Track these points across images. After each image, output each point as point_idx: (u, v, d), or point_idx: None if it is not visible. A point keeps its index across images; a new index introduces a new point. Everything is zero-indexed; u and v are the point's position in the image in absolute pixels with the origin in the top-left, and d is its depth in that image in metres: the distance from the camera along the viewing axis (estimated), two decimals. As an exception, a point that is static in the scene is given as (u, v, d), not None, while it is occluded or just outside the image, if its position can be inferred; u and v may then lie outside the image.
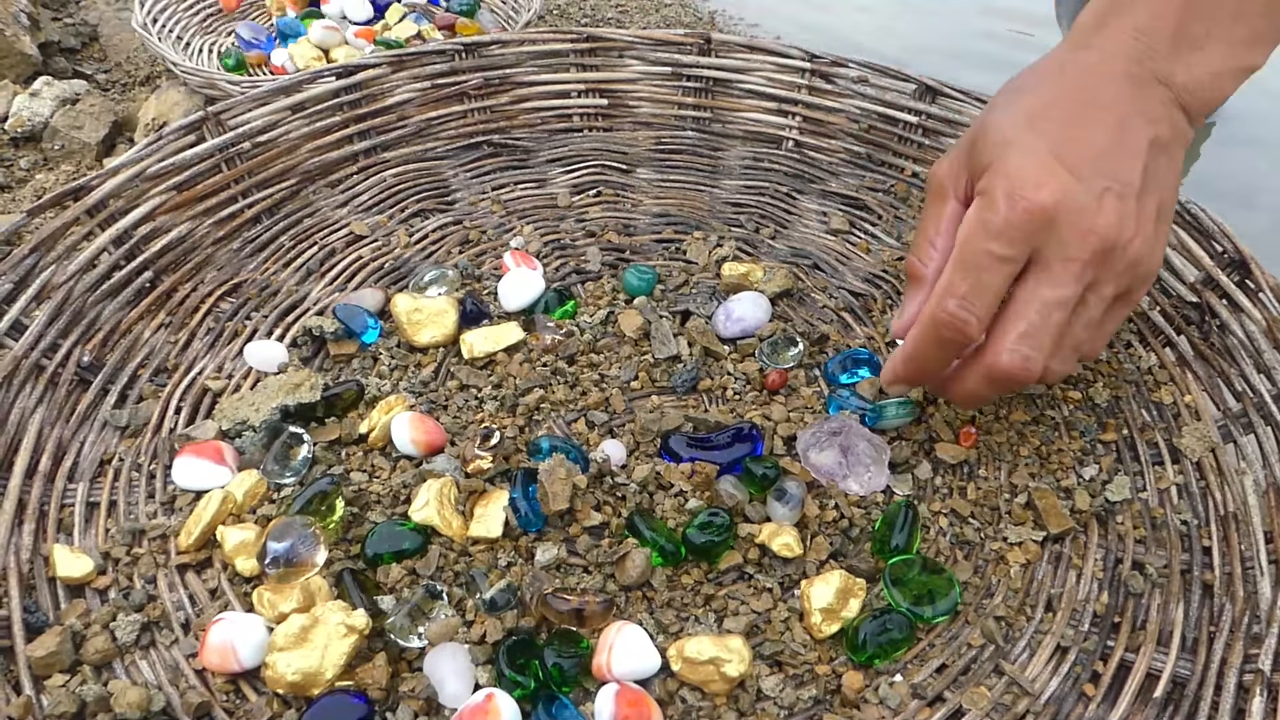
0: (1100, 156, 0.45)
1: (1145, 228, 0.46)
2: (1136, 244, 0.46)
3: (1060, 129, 0.46)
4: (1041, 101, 0.48)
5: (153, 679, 0.44)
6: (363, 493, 0.51)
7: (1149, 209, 0.46)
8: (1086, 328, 0.47)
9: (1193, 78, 0.47)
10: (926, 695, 0.45)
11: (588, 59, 0.80)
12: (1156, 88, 0.47)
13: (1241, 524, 0.51)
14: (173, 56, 1.16)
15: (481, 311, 0.62)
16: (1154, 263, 0.47)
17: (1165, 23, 0.47)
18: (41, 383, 0.55)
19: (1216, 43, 0.47)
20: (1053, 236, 0.44)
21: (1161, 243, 0.48)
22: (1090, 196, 0.44)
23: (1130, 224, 0.45)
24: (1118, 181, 0.45)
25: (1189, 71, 0.47)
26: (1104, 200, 0.45)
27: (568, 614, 0.45)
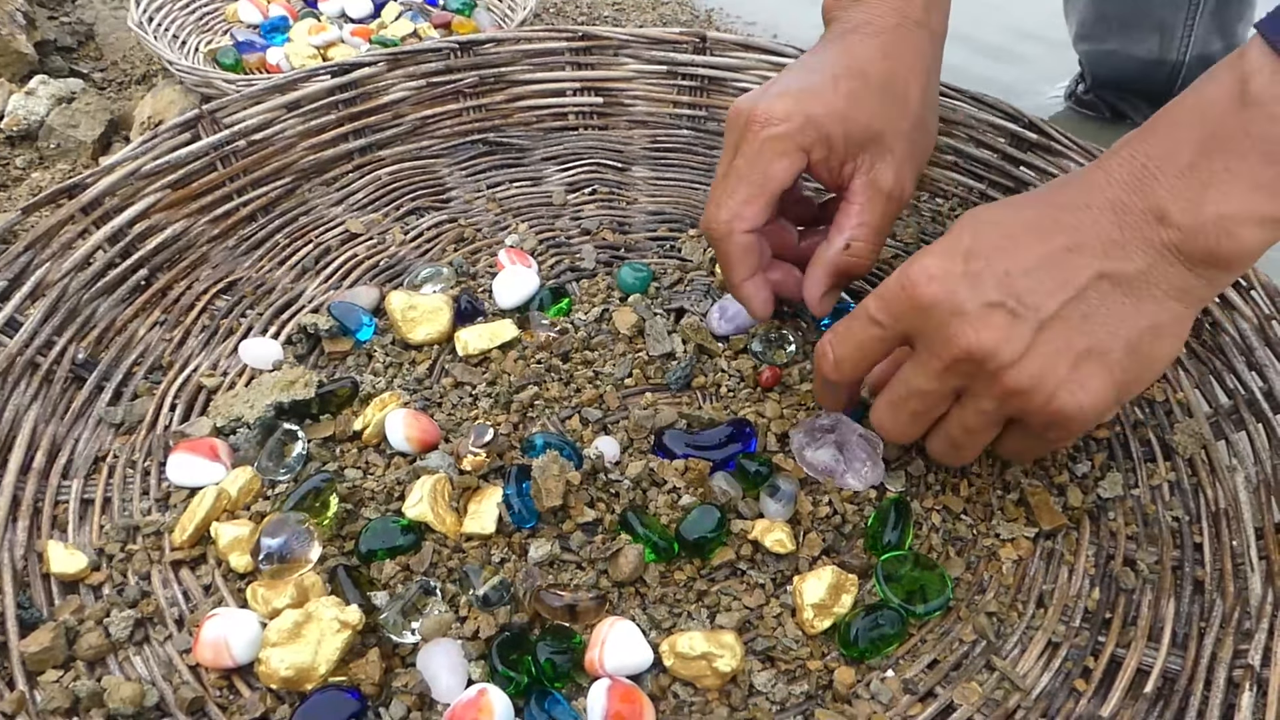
0: (1015, 272, 0.42)
1: (1039, 359, 0.42)
2: (1018, 372, 0.42)
3: (999, 235, 0.43)
4: (1018, 207, 0.45)
5: (146, 674, 0.45)
6: (357, 489, 0.51)
7: (1058, 342, 0.42)
8: (965, 432, 0.46)
9: (1194, 219, 0.40)
10: (918, 691, 0.45)
11: (583, 57, 0.80)
12: (1143, 222, 0.41)
13: (1232, 520, 0.51)
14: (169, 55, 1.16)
15: (476, 309, 0.63)
16: (1055, 404, 0.42)
17: (1180, 152, 0.41)
18: (36, 379, 0.55)
19: (1236, 182, 0.40)
20: (925, 327, 0.44)
21: (1087, 390, 0.42)
22: (974, 305, 0.42)
23: (1013, 347, 0.42)
24: (1020, 303, 0.42)
25: (1192, 212, 0.40)
26: (989, 314, 0.42)
27: (561, 610, 0.45)
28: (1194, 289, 0.42)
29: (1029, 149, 0.68)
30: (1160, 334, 0.43)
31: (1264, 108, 0.39)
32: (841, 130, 0.52)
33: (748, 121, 0.52)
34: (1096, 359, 0.42)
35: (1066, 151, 0.65)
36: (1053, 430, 0.44)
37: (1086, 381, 0.42)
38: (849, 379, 0.49)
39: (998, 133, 0.69)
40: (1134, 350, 0.42)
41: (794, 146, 0.52)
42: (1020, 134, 0.68)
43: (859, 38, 0.54)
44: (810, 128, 0.51)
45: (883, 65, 0.53)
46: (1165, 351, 0.43)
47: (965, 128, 0.71)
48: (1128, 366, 0.43)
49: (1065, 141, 0.66)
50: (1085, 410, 0.42)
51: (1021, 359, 0.42)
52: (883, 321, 0.45)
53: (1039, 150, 0.68)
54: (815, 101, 0.52)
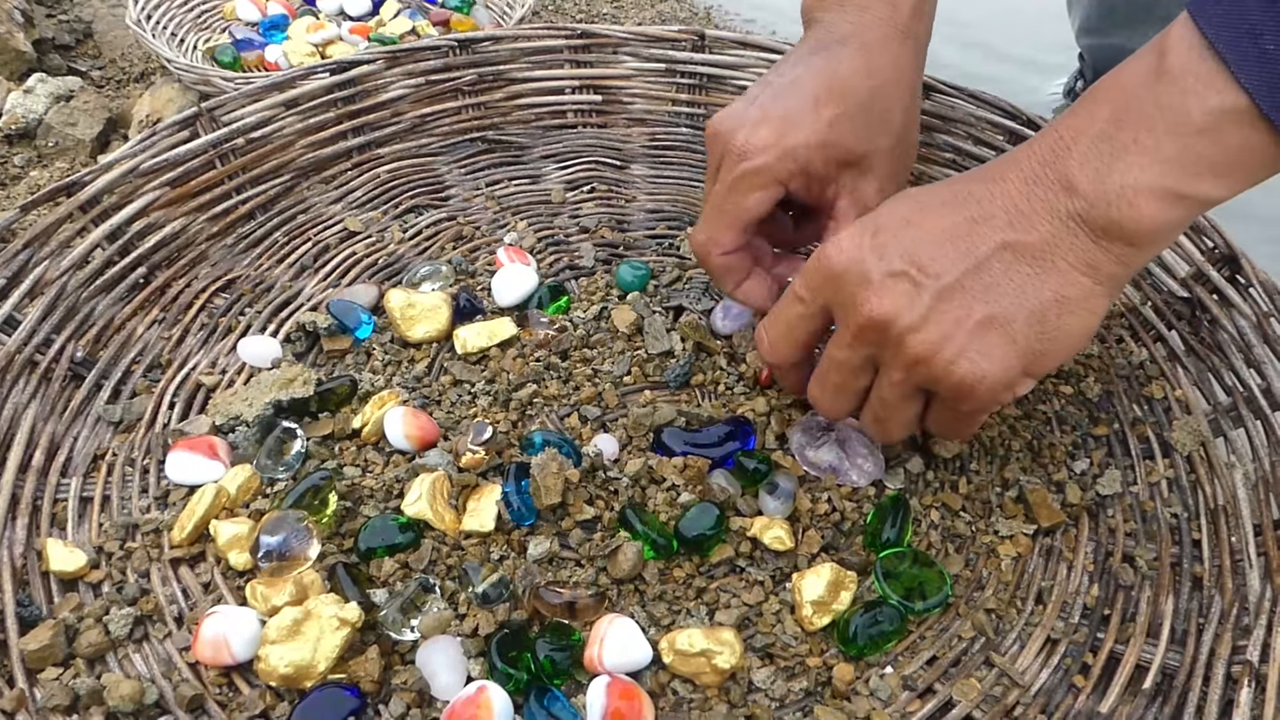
0: (919, 242, 0.43)
1: (939, 326, 0.42)
2: (918, 339, 0.42)
3: (912, 209, 0.44)
4: (942, 185, 0.46)
5: (146, 672, 0.45)
6: (356, 487, 0.51)
7: (957, 310, 0.42)
8: (884, 405, 0.47)
9: (1098, 188, 0.40)
10: (917, 687, 0.45)
11: (582, 55, 0.80)
12: (1051, 193, 0.41)
13: (1231, 517, 0.51)
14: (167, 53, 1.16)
15: (475, 307, 0.63)
16: (958, 372, 0.42)
17: (1094, 124, 0.41)
18: (35, 378, 0.55)
19: (1140, 154, 0.39)
20: (837, 298, 0.45)
21: (989, 359, 0.42)
22: (879, 273, 0.43)
23: (912, 314, 0.42)
24: (921, 271, 0.42)
25: (1097, 181, 0.40)
26: (890, 282, 0.43)
27: (560, 607, 0.45)
28: (1102, 264, 0.41)
29: (1028, 146, 0.68)
30: (1068, 307, 0.42)
31: (1176, 81, 0.39)
32: (821, 157, 0.51)
33: (726, 150, 0.52)
34: (998, 328, 0.42)
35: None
36: (963, 401, 0.44)
37: (988, 350, 0.42)
38: (784, 359, 0.50)
39: (996, 130, 0.69)
40: (1038, 320, 0.42)
41: (770, 180, 0.52)
42: (1019, 131, 0.68)
43: (845, 51, 0.53)
44: (789, 159, 0.51)
45: (867, 84, 0.52)
46: (1076, 326, 0.42)
47: (964, 125, 0.71)
48: (1032, 337, 0.42)
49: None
50: (988, 378, 0.42)
51: (922, 326, 0.42)
52: (804, 297, 0.47)
53: (1038, 147, 0.67)
54: (795, 131, 0.51)
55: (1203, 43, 0.38)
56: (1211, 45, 0.37)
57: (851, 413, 0.49)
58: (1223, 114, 0.38)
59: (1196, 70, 0.38)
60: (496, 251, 0.67)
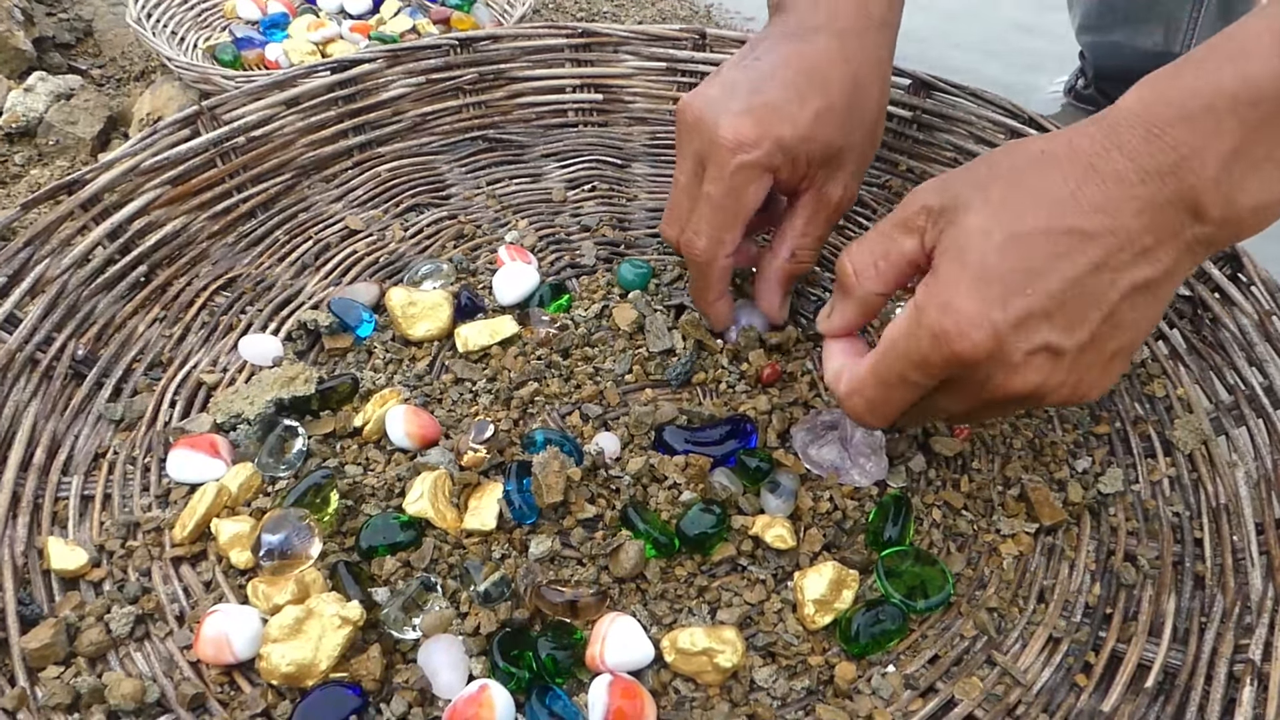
0: (1051, 308, 0.40)
1: (1077, 378, 0.42)
2: (1058, 396, 0.42)
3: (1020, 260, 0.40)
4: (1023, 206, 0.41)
5: (147, 671, 0.45)
6: (357, 486, 0.51)
7: (1092, 358, 0.42)
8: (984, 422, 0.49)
9: (1230, 212, 0.38)
10: (919, 686, 0.45)
11: (583, 54, 0.80)
12: (1174, 220, 0.39)
13: (1233, 516, 0.51)
14: (167, 51, 1.16)
15: (476, 305, 0.63)
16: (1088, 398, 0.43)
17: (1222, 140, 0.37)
18: (36, 376, 0.55)
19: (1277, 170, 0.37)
20: (967, 378, 0.42)
21: (1111, 377, 0.43)
22: (1019, 354, 0.40)
23: (1056, 380, 0.42)
24: (1061, 338, 0.40)
25: (1228, 205, 0.38)
26: (1031, 360, 0.41)
27: (561, 606, 0.45)
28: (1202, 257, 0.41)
29: (1029, 145, 0.68)
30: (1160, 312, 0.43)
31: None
32: (805, 151, 0.52)
33: (713, 143, 0.51)
34: (1123, 355, 0.43)
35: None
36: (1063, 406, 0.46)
37: (1114, 372, 0.43)
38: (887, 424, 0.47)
39: (998, 129, 0.69)
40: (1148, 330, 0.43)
41: (764, 172, 0.52)
42: (1020, 130, 0.68)
43: (820, 40, 0.53)
44: (779, 151, 0.51)
45: (846, 77, 0.52)
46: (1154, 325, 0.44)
47: (965, 124, 0.71)
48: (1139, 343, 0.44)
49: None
50: (1108, 389, 0.44)
51: (1062, 386, 0.42)
52: (923, 383, 0.43)
53: (1039, 146, 0.67)
54: (783, 123, 0.51)
55: None
56: None
57: None
58: None
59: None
60: (497, 250, 0.67)
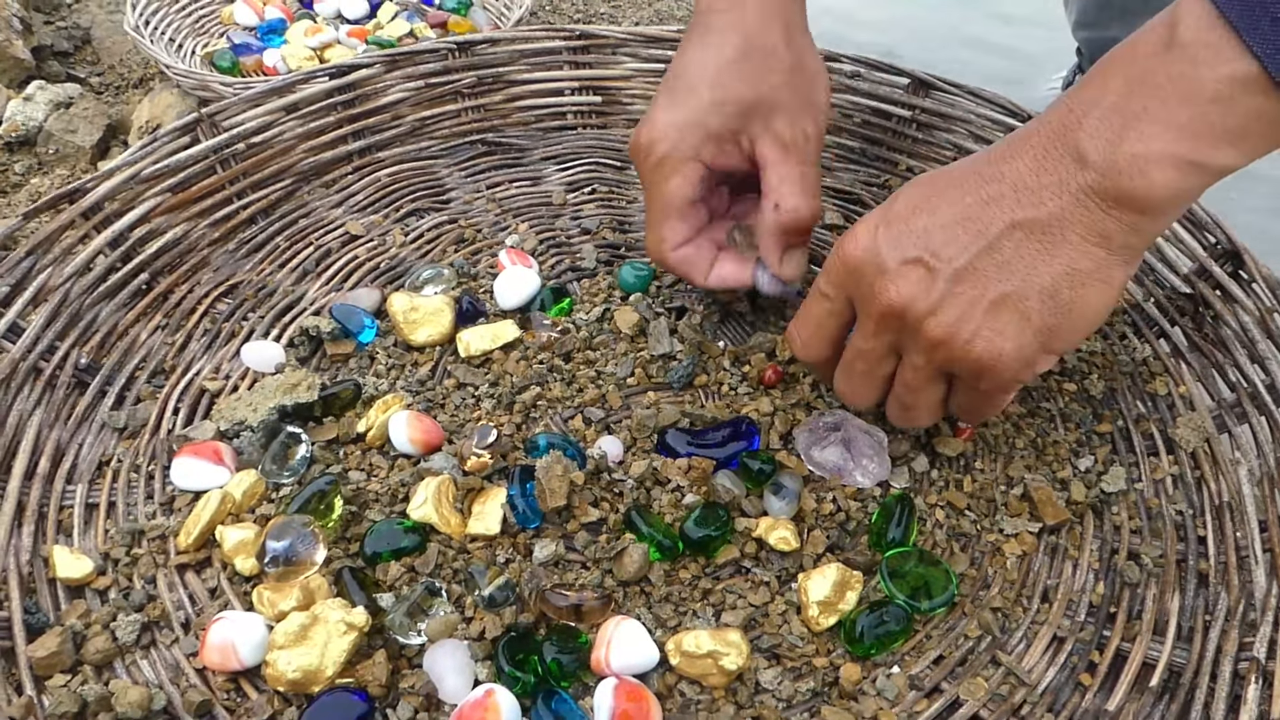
0: (931, 228, 0.44)
1: (954, 308, 0.43)
2: (934, 322, 0.44)
3: (923, 195, 0.45)
4: (949, 167, 0.47)
5: (153, 678, 0.45)
6: (361, 491, 0.51)
7: (971, 291, 0.43)
8: (909, 390, 0.48)
9: (1109, 159, 0.40)
10: (924, 687, 0.45)
11: (581, 56, 0.80)
12: (1062, 165, 0.42)
13: (1236, 513, 0.51)
14: (165, 59, 1.16)
15: (478, 310, 0.63)
16: (975, 350, 0.44)
17: (1105, 95, 0.41)
18: (39, 385, 0.55)
19: (1152, 123, 0.39)
20: (858, 289, 0.46)
21: (1005, 336, 0.43)
22: (894, 260, 0.44)
23: (928, 300, 0.43)
24: (934, 256, 0.43)
25: (1108, 151, 0.40)
26: (905, 269, 0.44)
27: (566, 609, 0.45)
28: (1114, 234, 0.41)
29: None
30: (1081, 280, 0.42)
31: (1186, 50, 0.39)
32: (718, 121, 0.54)
33: (635, 154, 0.56)
34: (1011, 305, 0.43)
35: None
36: (983, 380, 0.45)
37: (1002, 328, 0.43)
38: (818, 355, 0.51)
39: (996, 127, 0.69)
40: (1052, 296, 0.43)
41: (680, 160, 0.54)
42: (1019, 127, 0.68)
43: (714, 16, 0.55)
44: (686, 136, 0.54)
45: (738, 37, 0.54)
46: (1093, 298, 0.43)
47: (964, 123, 0.71)
48: (1047, 312, 0.43)
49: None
50: (1005, 356, 0.44)
51: (938, 309, 0.43)
52: (828, 293, 0.48)
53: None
54: (680, 109, 0.54)
55: (1213, 13, 0.38)
56: (1222, 15, 0.37)
57: (878, 401, 0.51)
58: (1234, 82, 0.38)
59: (1207, 40, 0.38)
60: (498, 254, 0.67)
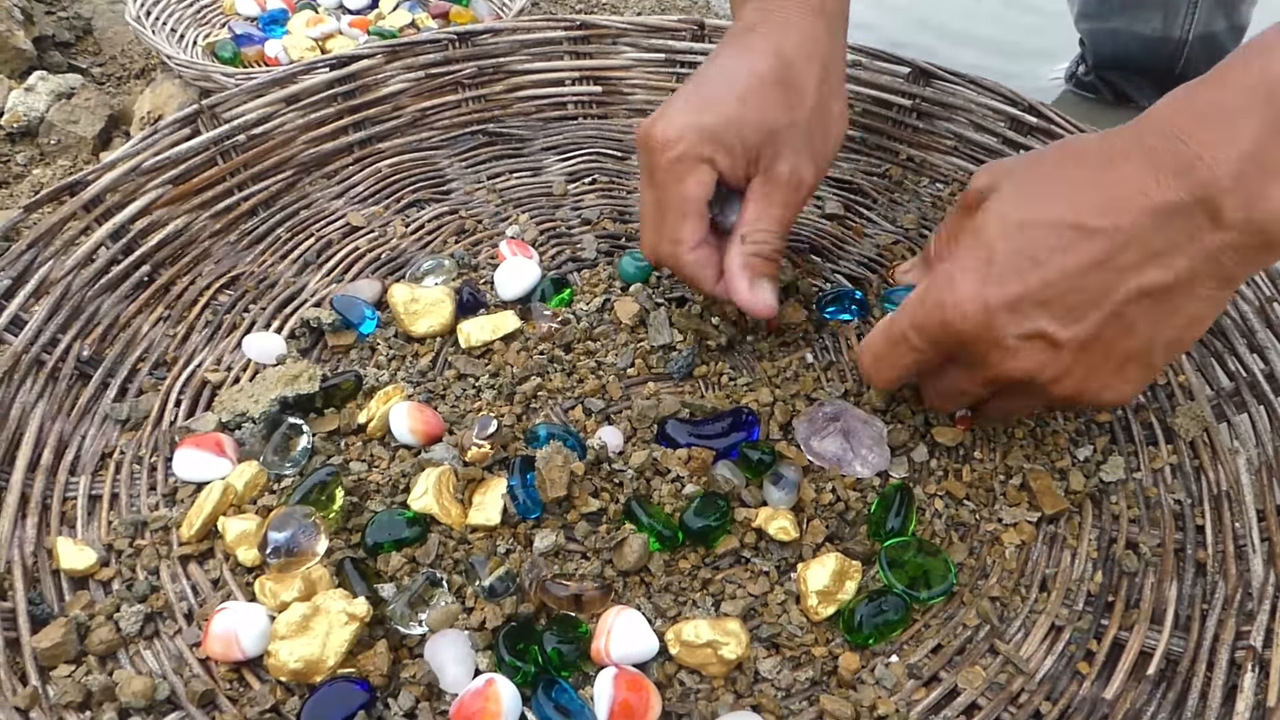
0: (1050, 296, 0.41)
1: (1080, 373, 0.43)
2: (1061, 388, 0.44)
3: (1028, 247, 0.41)
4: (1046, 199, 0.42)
5: (157, 668, 0.45)
6: (362, 482, 0.52)
7: (1097, 357, 0.42)
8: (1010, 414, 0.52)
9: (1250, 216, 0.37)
10: (922, 675, 0.45)
11: (581, 46, 0.80)
12: (1190, 224, 0.38)
13: (1234, 502, 0.51)
14: (167, 49, 1.16)
15: (478, 300, 0.63)
16: (1096, 400, 0.45)
17: (1239, 139, 0.36)
18: (42, 377, 0.55)
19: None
20: (964, 351, 0.45)
21: (1129, 383, 0.44)
22: (1013, 336, 0.42)
23: (1054, 369, 0.43)
24: (1058, 327, 0.41)
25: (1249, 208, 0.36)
26: (1025, 345, 0.42)
27: (566, 599, 0.45)
28: (1239, 275, 0.40)
29: (1029, 132, 0.68)
30: (1199, 323, 0.42)
31: None
32: (738, 134, 0.53)
33: (648, 148, 0.53)
34: (1137, 361, 0.43)
35: (1067, 134, 0.65)
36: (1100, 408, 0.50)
37: (1129, 378, 0.44)
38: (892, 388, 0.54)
39: (998, 116, 0.69)
40: (1173, 345, 0.43)
41: (698, 161, 0.53)
42: (1020, 118, 0.68)
43: (756, 36, 0.55)
44: (707, 140, 0.52)
45: (776, 61, 0.53)
46: (1202, 328, 0.43)
47: (965, 112, 0.71)
48: (1165, 355, 0.44)
49: (1065, 124, 0.66)
50: (1127, 397, 0.45)
51: (1063, 378, 0.43)
52: (921, 347, 0.47)
53: (1039, 134, 0.68)
54: (708, 112, 0.53)
55: None
56: None
57: None
58: None
59: None
60: (499, 245, 0.67)
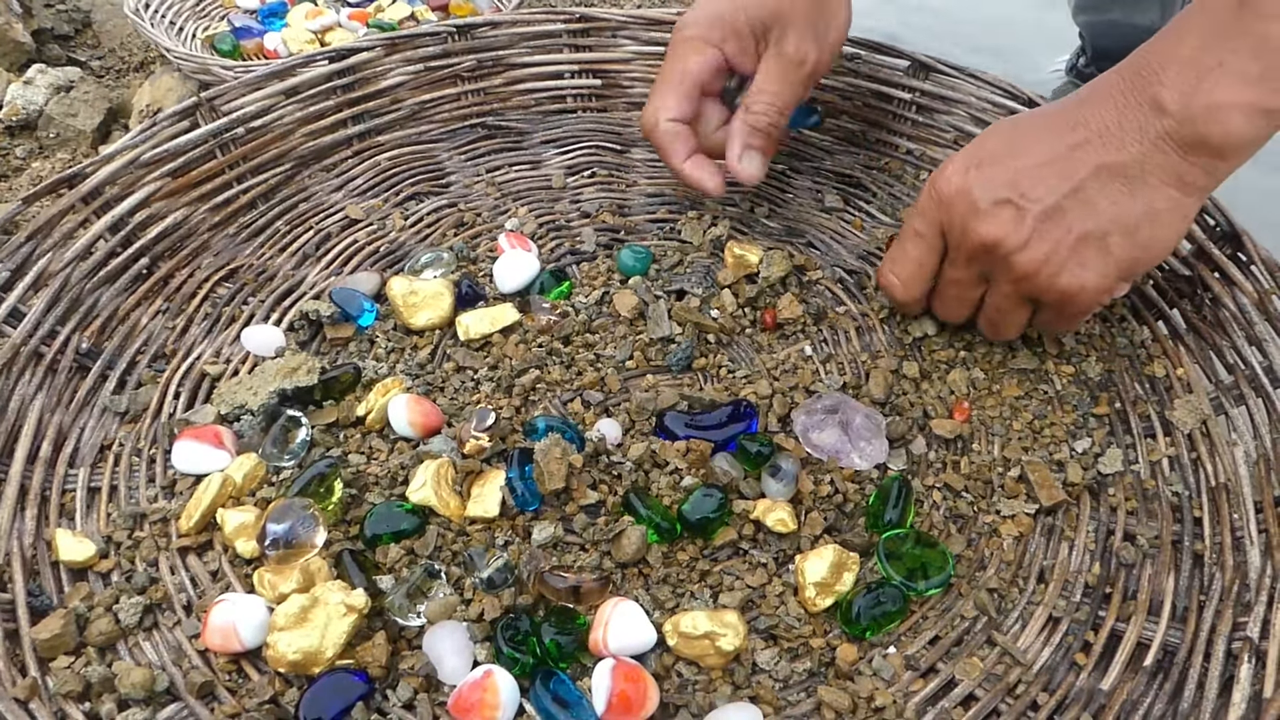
0: (1021, 170, 0.49)
1: (1042, 244, 0.48)
2: (1024, 257, 0.49)
3: (1011, 139, 0.50)
4: (1038, 111, 0.52)
5: (156, 660, 0.45)
6: (361, 474, 0.52)
7: (1057, 230, 0.48)
8: (999, 312, 0.54)
9: (1185, 106, 0.45)
10: (920, 667, 0.46)
11: (580, 39, 0.80)
12: (1141, 113, 0.46)
13: (1232, 495, 0.51)
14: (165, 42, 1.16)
15: (477, 293, 0.63)
16: (1060, 283, 0.49)
17: (1181, 49, 0.45)
18: (41, 369, 0.55)
19: (1226, 74, 0.44)
20: (950, 225, 0.52)
21: (1088, 269, 0.49)
22: (986, 201, 0.49)
23: (1018, 237, 0.49)
24: (1023, 196, 0.48)
25: (1185, 101, 0.45)
26: (997, 209, 0.49)
27: (565, 591, 0.45)
28: (1190, 177, 0.46)
29: (1028, 126, 0.68)
30: (1157, 219, 0.47)
31: (1258, 8, 0.43)
32: (745, 18, 0.60)
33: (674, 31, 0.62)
34: (1094, 242, 0.48)
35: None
36: (1067, 307, 0.51)
37: (1086, 262, 0.48)
38: (918, 294, 0.57)
39: (997, 110, 0.69)
40: (1131, 233, 0.48)
41: (704, 43, 0.60)
42: (1020, 111, 0.68)
43: None
44: (717, 24, 0.60)
45: None
46: (1165, 235, 0.48)
47: (964, 105, 0.71)
48: (1126, 247, 0.48)
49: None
50: (1087, 287, 0.49)
51: (1026, 246, 0.49)
52: (922, 231, 0.53)
53: (1038, 127, 0.67)
54: (718, 3, 0.60)
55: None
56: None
57: (970, 318, 0.57)
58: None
59: None
60: (497, 237, 0.67)
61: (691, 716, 0.43)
